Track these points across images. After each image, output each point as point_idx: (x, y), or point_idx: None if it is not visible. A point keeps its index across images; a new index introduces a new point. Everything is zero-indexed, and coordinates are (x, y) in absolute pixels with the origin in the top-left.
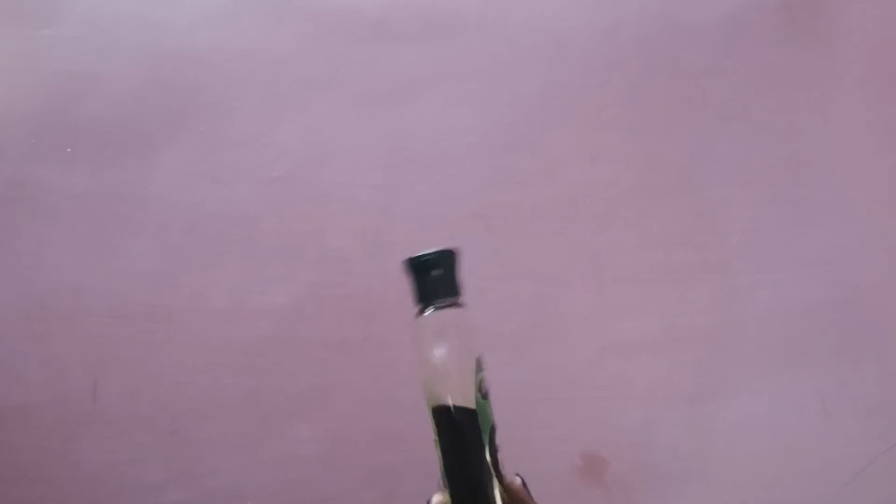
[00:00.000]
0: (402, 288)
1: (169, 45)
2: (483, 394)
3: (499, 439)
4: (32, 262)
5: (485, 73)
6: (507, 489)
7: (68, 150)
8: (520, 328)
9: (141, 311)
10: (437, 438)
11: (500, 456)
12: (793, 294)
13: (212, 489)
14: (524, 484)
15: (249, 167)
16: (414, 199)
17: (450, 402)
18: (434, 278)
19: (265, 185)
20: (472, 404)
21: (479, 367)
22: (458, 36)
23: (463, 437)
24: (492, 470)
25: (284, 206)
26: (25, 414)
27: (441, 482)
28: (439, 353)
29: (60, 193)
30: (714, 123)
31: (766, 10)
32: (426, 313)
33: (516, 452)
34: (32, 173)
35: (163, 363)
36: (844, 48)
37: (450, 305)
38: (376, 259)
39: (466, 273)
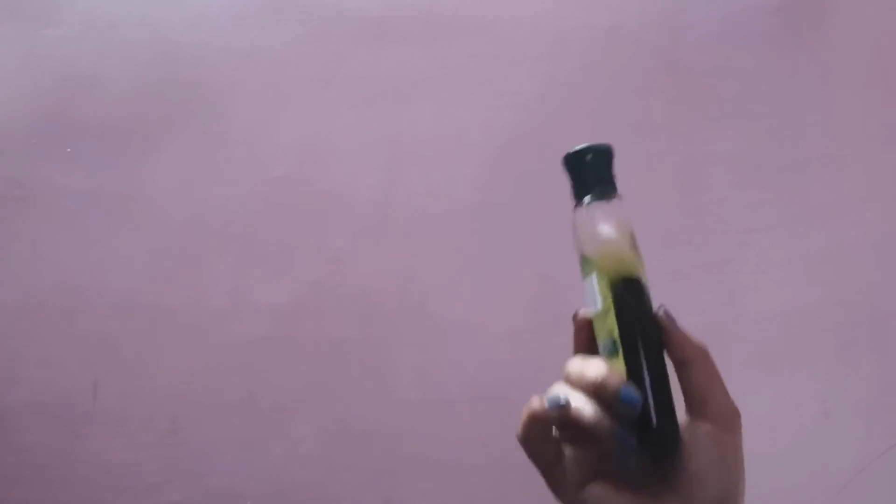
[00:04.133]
0: (402, 287)
1: (169, 45)
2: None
3: (504, 437)
4: (32, 262)
5: (485, 73)
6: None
7: (68, 150)
8: (520, 328)
9: (141, 311)
10: (612, 313)
11: None
12: (793, 294)
13: (212, 489)
14: (666, 313)
15: (249, 167)
16: (414, 199)
17: (640, 275)
18: (595, 171)
19: (265, 184)
20: (645, 277)
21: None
22: (458, 36)
23: (646, 302)
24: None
25: (284, 205)
26: (25, 414)
27: (606, 352)
28: (620, 231)
29: (60, 193)
30: (714, 123)
31: (766, 10)
32: (598, 203)
33: (516, 452)
34: (32, 173)
35: (163, 363)
36: (844, 48)
37: (610, 198)
38: (376, 259)
39: (466, 273)
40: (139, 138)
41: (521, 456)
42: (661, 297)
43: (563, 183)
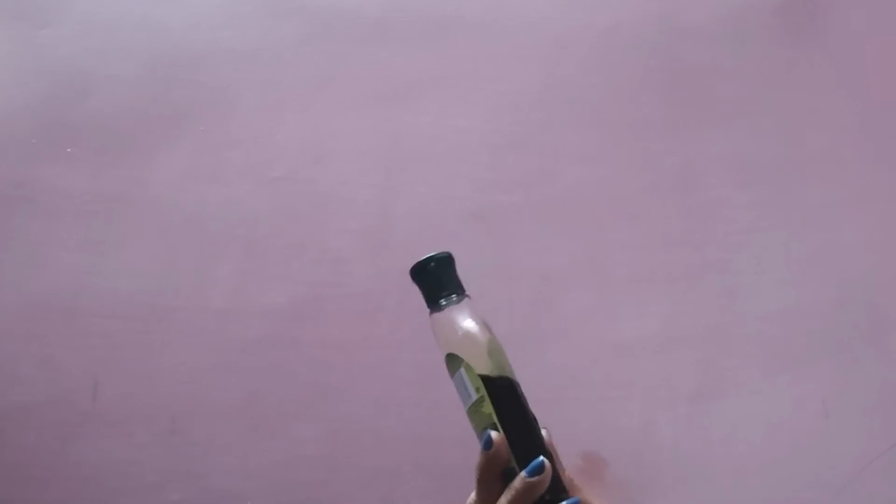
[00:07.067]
0: (403, 288)
1: (169, 45)
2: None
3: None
4: (32, 262)
5: (485, 73)
6: None
7: (68, 150)
8: (520, 328)
9: (141, 311)
10: (488, 402)
11: None
12: (793, 294)
13: (212, 489)
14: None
15: (249, 167)
16: (414, 199)
17: (510, 374)
18: (441, 277)
19: (265, 184)
20: (512, 374)
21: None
22: (458, 36)
23: (519, 398)
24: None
25: (284, 206)
26: (25, 414)
27: (484, 440)
28: (481, 332)
29: (60, 193)
30: (714, 123)
31: (765, 10)
32: (445, 307)
33: None
34: (32, 173)
35: (163, 363)
36: (844, 49)
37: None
38: (376, 259)
39: (467, 273)
40: (139, 138)
41: None
42: (661, 297)
43: (563, 183)
